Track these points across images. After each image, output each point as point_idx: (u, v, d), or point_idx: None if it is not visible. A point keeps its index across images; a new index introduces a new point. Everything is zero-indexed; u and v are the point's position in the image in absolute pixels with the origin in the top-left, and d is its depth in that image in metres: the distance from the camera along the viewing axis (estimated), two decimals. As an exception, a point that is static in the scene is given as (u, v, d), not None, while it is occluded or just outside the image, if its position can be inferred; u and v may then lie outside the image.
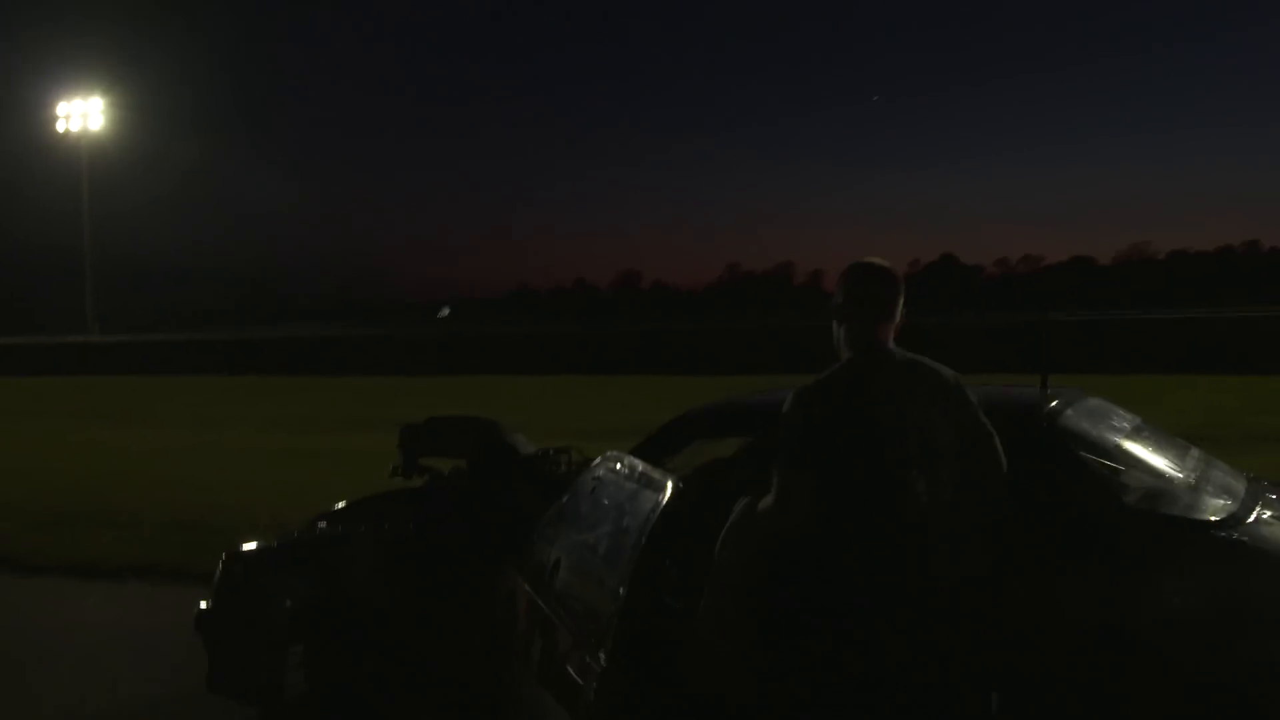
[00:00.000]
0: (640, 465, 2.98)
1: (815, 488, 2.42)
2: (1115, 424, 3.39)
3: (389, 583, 3.82)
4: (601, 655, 2.60)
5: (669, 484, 2.72)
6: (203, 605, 4.12)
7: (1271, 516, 2.95)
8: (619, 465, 3.12)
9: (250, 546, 4.24)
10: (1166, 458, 3.29)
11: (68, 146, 56.56)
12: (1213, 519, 2.85)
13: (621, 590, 2.61)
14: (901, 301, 2.60)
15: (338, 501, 4.52)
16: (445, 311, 72.57)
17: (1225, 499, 3.01)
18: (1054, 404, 3.18)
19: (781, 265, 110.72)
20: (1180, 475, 3.18)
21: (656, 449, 3.53)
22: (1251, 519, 2.88)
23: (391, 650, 3.74)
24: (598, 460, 3.30)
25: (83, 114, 55.42)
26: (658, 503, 2.68)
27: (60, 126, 55.78)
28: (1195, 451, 3.49)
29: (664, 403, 5.38)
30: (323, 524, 4.24)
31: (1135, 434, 3.38)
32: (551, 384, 24.87)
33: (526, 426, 4.84)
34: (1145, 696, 2.61)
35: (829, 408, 2.47)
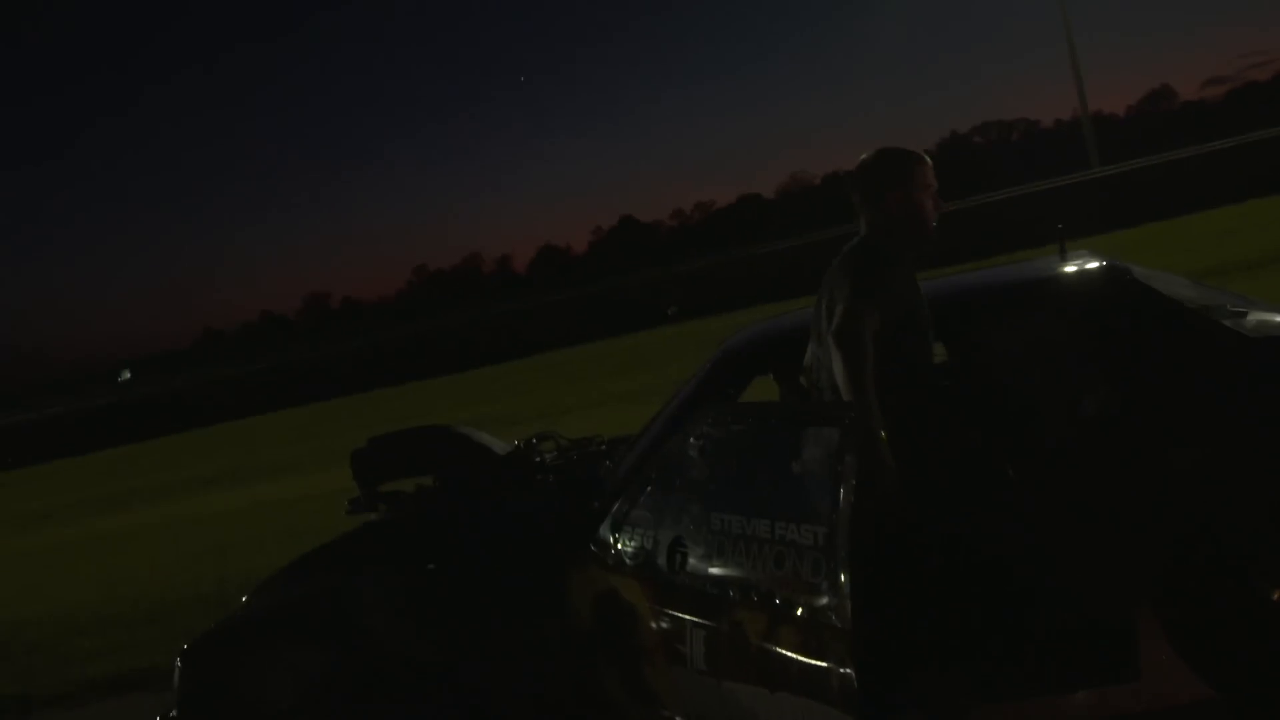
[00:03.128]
0: (787, 407, 2.70)
1: None
2: (1163, 275, 3.49)
3: (444, 629, 3.25)
4: (834, 617, 2.31)
5: (843, 415, 2.44)
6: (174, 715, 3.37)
7: None
8: (737, 417, 2.79)
9: (215, 631, 3.50)
10: (1213, 293, 3.43)
11: None
12: None
13: (835, 537, 2.32)
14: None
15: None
16: (125, 375, 66.41)
17: None
18: (1117, 264, 3.30)
19: (469, 258, 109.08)
20: (1241, 302, 3.34)
21: (715, 396, 3.25)
22: None
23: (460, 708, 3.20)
24: (693, 422, 2.90)
25: None
26: (839, 436, 2.40)
27: None
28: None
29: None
30: (286, 585, 3.57)
31: (1179, 279, 3.51)
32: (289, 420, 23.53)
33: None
34: None
35: None
